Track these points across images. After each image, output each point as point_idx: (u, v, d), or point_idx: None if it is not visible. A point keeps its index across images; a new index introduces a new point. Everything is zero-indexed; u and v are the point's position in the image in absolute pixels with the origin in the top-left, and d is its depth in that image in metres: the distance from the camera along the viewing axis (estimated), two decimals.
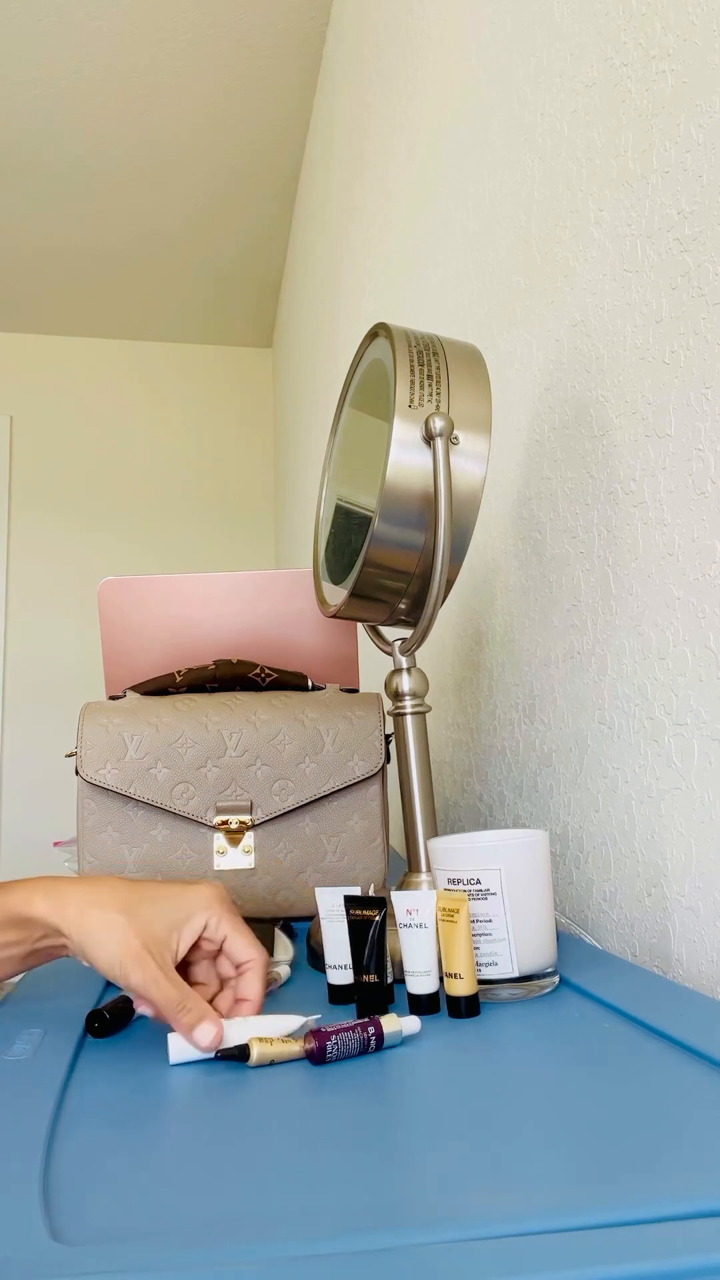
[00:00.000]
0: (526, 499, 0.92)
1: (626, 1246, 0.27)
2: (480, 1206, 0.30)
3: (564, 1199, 0.30)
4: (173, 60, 2.21)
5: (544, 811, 0.88)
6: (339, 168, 2.03)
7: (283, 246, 3.02)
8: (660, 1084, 0.40)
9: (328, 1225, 0.30)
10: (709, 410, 0.60)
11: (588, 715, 0.78)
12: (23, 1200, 0.32)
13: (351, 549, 0.71)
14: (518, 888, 0.55)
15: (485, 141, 1.04)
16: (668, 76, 0.65)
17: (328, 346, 2.23)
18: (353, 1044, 0.46)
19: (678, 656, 0.64)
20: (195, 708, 0.84)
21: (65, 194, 2.70)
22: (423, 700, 0.71)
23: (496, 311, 1.01)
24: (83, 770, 0.81)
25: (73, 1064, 0.48)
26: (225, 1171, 0.34)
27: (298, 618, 0.97)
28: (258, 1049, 0.45)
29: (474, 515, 0.66)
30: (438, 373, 0.66)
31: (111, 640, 0.96)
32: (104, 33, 2.12)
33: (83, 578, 3.30)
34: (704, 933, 0.61)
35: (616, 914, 0.73)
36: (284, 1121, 0.39)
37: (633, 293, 0.70)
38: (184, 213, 2.81)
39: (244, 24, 2.12)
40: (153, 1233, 0.30)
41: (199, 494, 3.50)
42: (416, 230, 1.36)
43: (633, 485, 0.70)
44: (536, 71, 0.89)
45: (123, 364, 3.52)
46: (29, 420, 3.39)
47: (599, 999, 0.53)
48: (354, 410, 0.78)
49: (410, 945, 0.54)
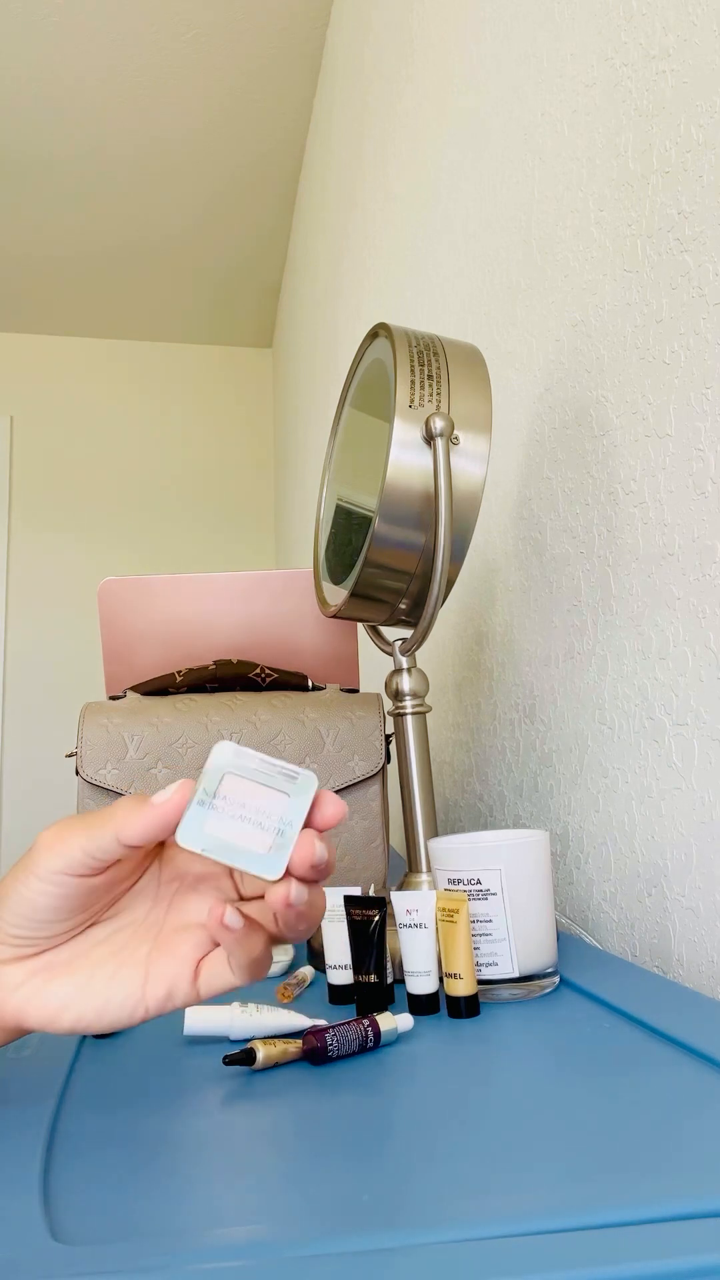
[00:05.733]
0: (526, 499, 0.92)
1: (626, 1246, 0.27)
2: (480, 1206, 0.30)
3: (564, 1199, 0.30)
4: (174, 62, 2.21)
5: (544, 811, 0.88)
6: (339, 168, 2.03)
7: (283, 247, 3.02)
8: (660, 1084, 0.40)
9: (328, 1225, 0.30)
10: (709, 410, 0.60)
11: (588, 715, 0.78)
12: (23, 1200, 0.32)
13: (352, 549, 0.71)
14: (518, 888, 0.55)
15: (485, 141, 1.04)
16: (668, 76, 0.65)
17: (328, 346, 2.23)
18: (351, 1042, 0.46)
19: (678, 656, 0.64)
20: (195, 708, 0.84)
21: (66, 195, 2.70)
22: (423, 700, 0.71)
23: (496, 311, 1.01)
24: (83, 770, 0.81)
25: (73, 1064, 0.48)
26: (225, 1171, 0.34)
27: (298, 618, 0.97)
28: (263, 1052, 0.45)
29: (474, 515, 0.66)
30: (438, 373, 0.66)
31: (111, 640, 0.96)
32: (106, 34, 2.12)
33: (83, 578, 3.30)
34: (704, 933, 0.61)
35: (616, 914, 0.73)
36: (284, 1121, 0.39)
37: (633, 293, 0.70)
38: (184, 213, 2.81)
39: (245, 26, 2.12)
40: (153, 1233, 0.30)
41: (199, 494, 3.50)
42: (416, 230, 1.36)
43: (633, 485, 0.70)
44: (536, 71, 0.89)
45: (123, 364, 3.52)
46: (29, 420, 3.39)
47: (599, 999, 0.53)
48: (354, 410, 0.78)
49: (410, 945, 0.54)
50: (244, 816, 0.35)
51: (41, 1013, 0.37)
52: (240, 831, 0.35)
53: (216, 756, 0.36)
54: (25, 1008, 0.37)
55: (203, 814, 0.35)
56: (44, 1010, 0.37)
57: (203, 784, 0.35)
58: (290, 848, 0.35)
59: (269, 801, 0.35)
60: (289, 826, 0.35)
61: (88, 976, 0.38)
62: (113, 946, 0.39)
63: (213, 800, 0.35)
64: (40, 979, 0.38)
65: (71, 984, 0.38)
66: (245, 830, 0.35)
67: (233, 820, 0.35)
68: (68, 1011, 0.37)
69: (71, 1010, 0.37)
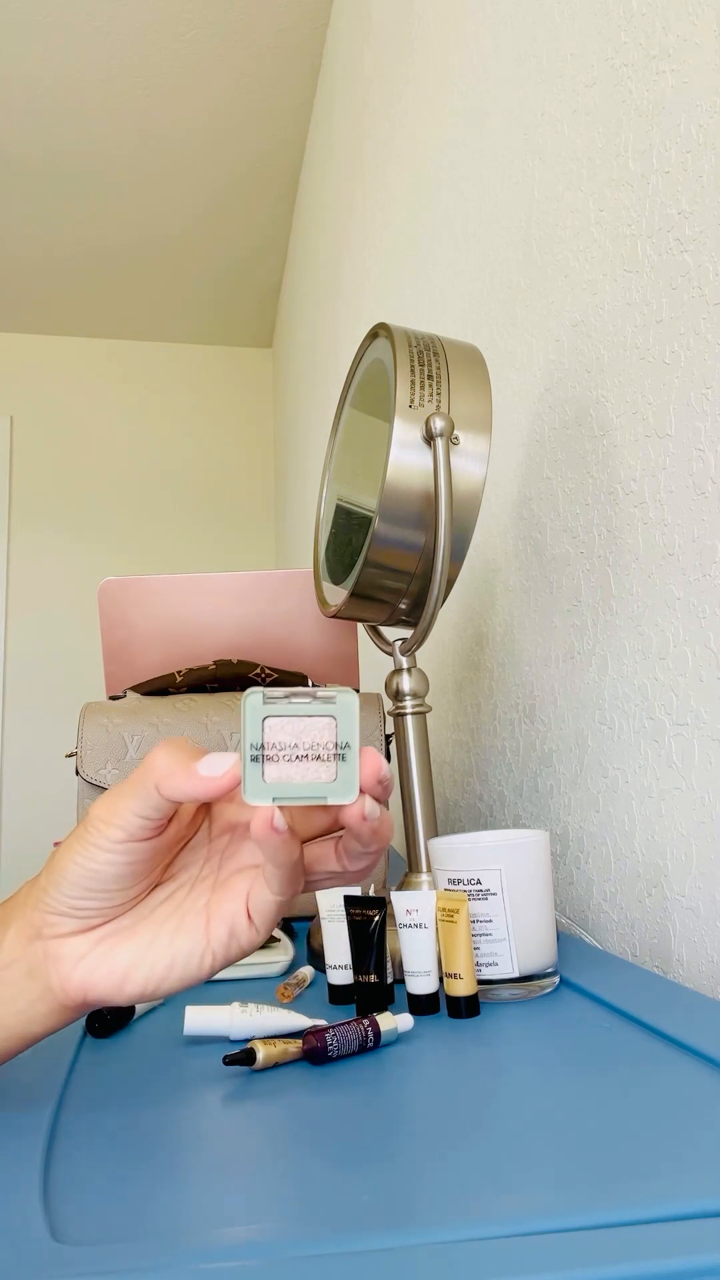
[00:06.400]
0: (527, 499, 0.92)
1: (626, 1246, 0.27)
2: (480, 1206, 0.30)
3: (564, 1199, 0.30)
4: (174, 62, 2.21)
5: (544, 811, 0.88)
6: (339, 168, 2.03)
7: (283, 247, 3.02)
8: (660, 1084, 0.40)
9: (328, 1225, 0.30)
10: (709, 410, 0.60)
11: (588, 715, 0.78)
12: (23, 1200, 0.32)
13: (352, 549, 0.71)
14: (518, 888, 0.55)
15: (485, 142, 1.04)
16: (668, 76, 0.65)
17: (328, 346, 2.23)
18: (351, 1042, 0.46)
19: (678, 656, 0.64)
20: (195, 708, 0.84)
21: (66, 195, 2.70)
22: (423, 700, 0.71)
23: (496, 311, 1.01)
24: (83, 770, 0.81)
25: (73, 1064, 0.48)
26: (225, 1171, 0.34)
27: (298, 618, 0.97)
28: (263, 1052, 0.45)
29: (474, 515, 0.66)
30: (438, 373, 0.66)
31: (111, 640, 0.96)
32: (106, 34, 2.12)
33: (83, 578, 3.30)
34: (704, 933, 0.61)
35: (616, 914, 0.73)
36: (284, 1121, 0.39)
37: (633, 293, 0.70)
38: (184, 213, 2.81)
39: (245, 26, 2.12)
40: (153, 1233, 0.30)
41: (199, 494, 3.49)
42: (416, 230, 1.36)
43: (633, 485, 0.70)
44: (536, 71, 0.89)
45: (123, 364, 3.52)
46: (29, 420, 3.39)
47: (599, 999, 0.53)
48: (354, 410, 0.78)
49: (410, 945, 0.54)
50: (300, 755, 0.35)
51: (108, 980, 0.37)
52: (303, 770, 0.35)
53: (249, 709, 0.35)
54: (90, 978, 0.37)
55: (258, 768, 0.34)
56: (110, 977, 0.37)
57: (249, 740, 0.35)
58: (356, 767, 0.35)
59: (318, 732, 0.35)
60: (348, 749, 0.35)
61: (151, 936, 0.38)
62: (173, 904, 0.39)
63: (263, 752, 0.35)
64: (105, 946, 0.37)
65: (135, 946, 0.37)
66: (307, 768, 0.35)
67: (291, 763, 0.35)
68: (135, 972, 0.37)
69: (139, 971, 0.37)
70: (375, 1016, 0.47)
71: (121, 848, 0.36)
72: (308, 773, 0.35)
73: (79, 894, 0.37)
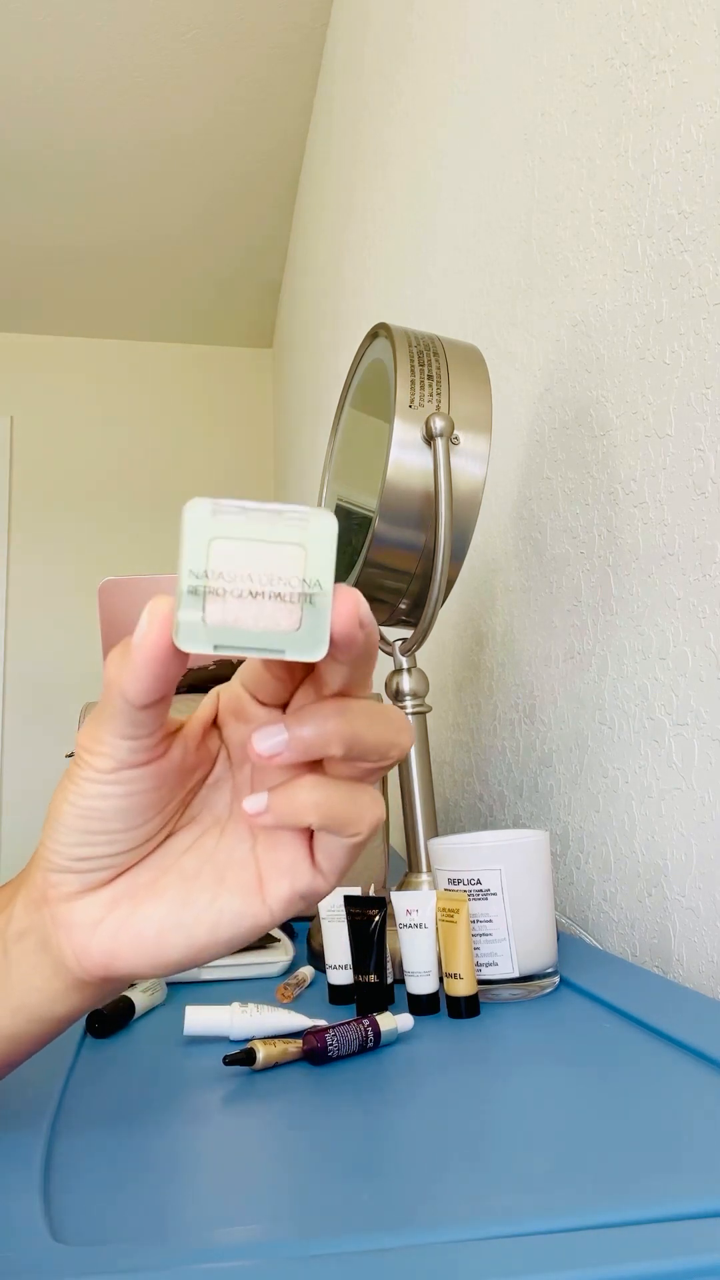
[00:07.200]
0: (526, 499, 0.92)
1: (626, 1246, 0.27)
2: (480, 1206, 0.30)
3: (564, 1199, 0.30)
4: (174, 62, 2.21)
5: (544, 811, 0.88)
6: (339, 168, 2.03)
7: (283, 247, 3.02)
8: (660, 1084, 0.40)
9: (328, 1225, 0.30)
10: (709, 410, 0.60)
11: (588, 715, 0.78)
12: (23, 1200, 0.32)
13: (352, 549, 0.71)
14: (518, 888, 0.55)
15: (485, 141, 1.04)
16: (668, 76, 0.65)
17: (328, 346, 2.23)
18: (351, 1042, 0.46)
19: (678, 656, 0.64)
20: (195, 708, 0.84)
21: (66, 195, 2.70)
22: (423, 700, 0.71)
23: (496, 311, 1.01)
24: None
25: (73, 1064, 0.48)
26: (225, 1171, 0.34)
27: None
28: (263, 1052, 0.45)
29: (474, 515, 0.66)
30: (438, 373, 0.66)
31: (111, 640, 0.96)
32: (106, 34, 2.12)
33: (83, 578, 3.30)
34: (704, 933, 0.61)
35: (616, 914, 0.73)
36: (284, 1121, 0.39)
37: (633, 293, 0.70)
38: (184, 213, 2.81)
39: (245, 25, 2.12)
40: (153, 1233, 0.30)
41: (199, 494, 3.49)
42: (416, 230, 1.36)
43: (633, 485, 0.70)
44: (536, 71, 0.89)
45: (123, 364, 3.52)
46: (29, 420, 3.39)
47: (599, 999, 0.53)
48: (354, 410, 0.78)
49: (410, 945, 0.54)
50: (254, 590, 0.25)
51: (137, 949, 0.31)
52: (256, 611, 0.25)
53: (192, 522, 0.25)
54: (115, 947, 0.31)
55: (197, 604, 0.25)
56: (140, 944, 0.31)
57: (187, 565, 0.25)
58: (327, 613, 0.26)
59: (281, 561, 0.26)
60: (317, 587, 0.26)
61: (183, 892, 0.31)
62: (200, 854, 0.32)
63: (205, 581, 0.25)
64: (124, 908, 0.31)
65: (164, 905, 0.31)
66: (262, 609, 0.25)
67: (241, 601, 0.25)
68: (171, 938, 0.31)
69: (175, 936, 0.31)
70: (375, 1016, 0.47)
71: (114, 777, 0.30)
72: (263, 616, 0.25)
73: (78, 840, 0.30)
